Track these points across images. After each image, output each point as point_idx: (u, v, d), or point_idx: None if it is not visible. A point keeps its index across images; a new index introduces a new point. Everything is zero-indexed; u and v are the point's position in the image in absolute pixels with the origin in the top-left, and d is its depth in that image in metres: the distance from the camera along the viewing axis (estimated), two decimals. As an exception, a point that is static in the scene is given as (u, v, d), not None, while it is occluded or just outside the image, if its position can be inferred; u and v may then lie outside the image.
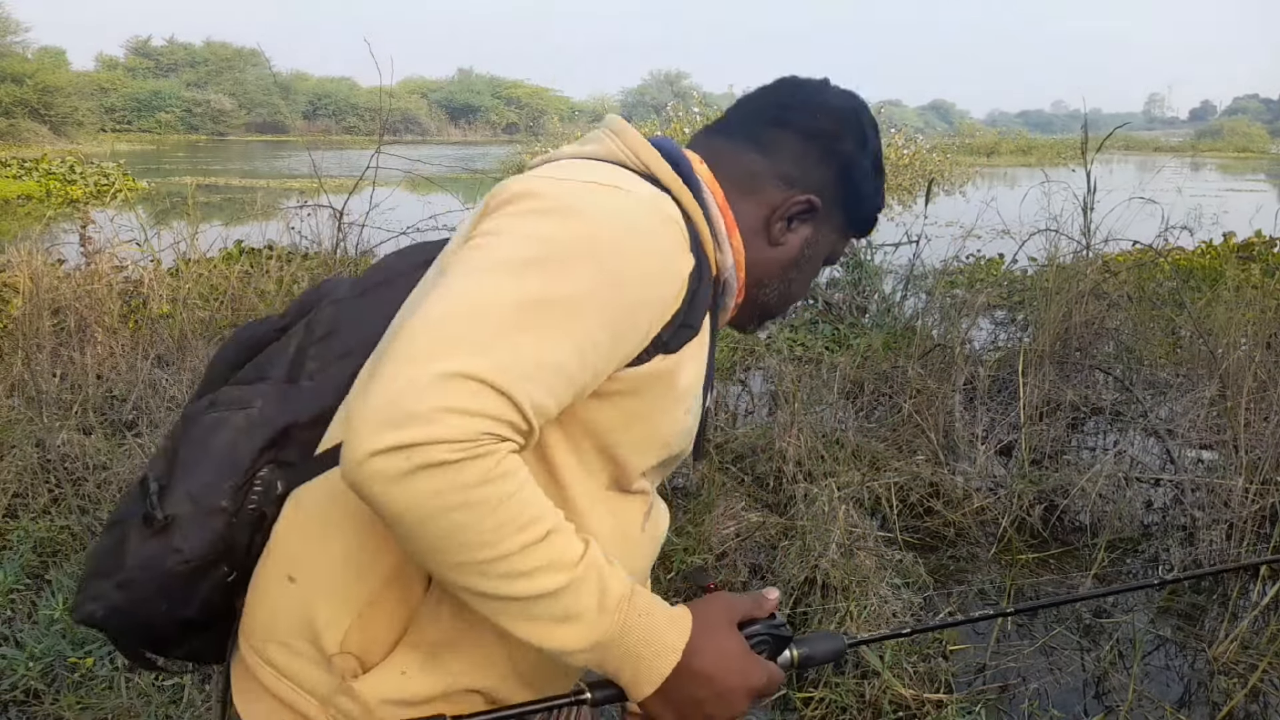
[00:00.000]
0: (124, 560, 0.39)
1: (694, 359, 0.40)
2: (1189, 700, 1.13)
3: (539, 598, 0.33)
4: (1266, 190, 9.75)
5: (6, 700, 1.02)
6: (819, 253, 0.46)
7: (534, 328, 0.33)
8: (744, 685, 0.37)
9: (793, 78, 0.47)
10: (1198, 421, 1.72)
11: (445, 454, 0.31)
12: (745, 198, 0.43)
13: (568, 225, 0.35)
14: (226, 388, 0.44)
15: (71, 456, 1.55)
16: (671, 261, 0.37)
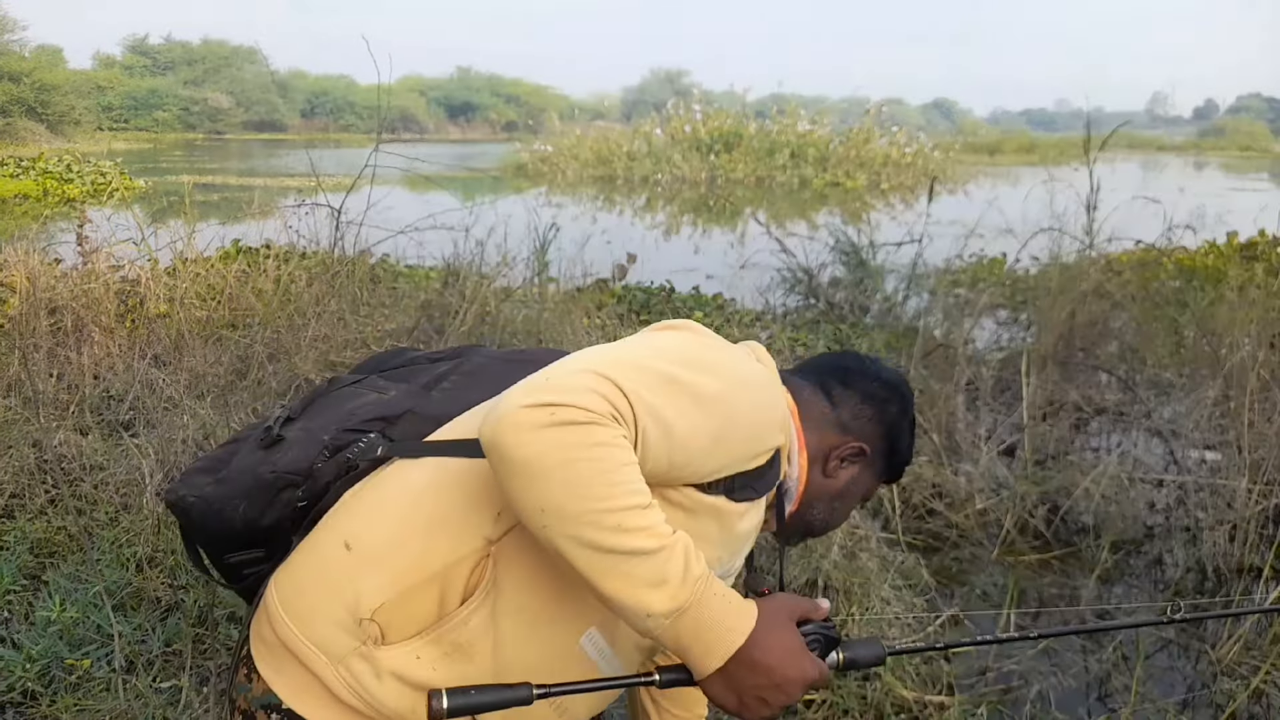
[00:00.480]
0: (229, 463, 0.47)
1: (748, 519, 0.47)
2: (1192, 702, 1.13)
3: (637, 554, 0.38)
4: (1270, 189, 9.73)
5: (3, 702, 1.01)
6: (859, 490, 0.55)
7: (667, 393, 0.41)
8: (800, 677, 0.42)
9: (855, 353, 0.60)
10: (1201, 422, 1.72)
11: (580, 415, 0.38)
12: (812, 431, 0.53)
13: (717, 355, 0.46)
14: (374, 376, 0.53)
15: (68, 457, 1.55)
16: (771, 428, 0.47)
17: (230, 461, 0.47)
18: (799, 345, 2.44)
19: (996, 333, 2.36)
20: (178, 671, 1.04)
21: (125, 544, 1.29)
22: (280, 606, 0.45)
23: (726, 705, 0.42)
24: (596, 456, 0.37)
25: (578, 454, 0.37)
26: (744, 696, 0.41)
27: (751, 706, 0.41)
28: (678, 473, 0.42)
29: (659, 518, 0.39)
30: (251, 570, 0.49)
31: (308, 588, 0.44)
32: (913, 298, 2.65)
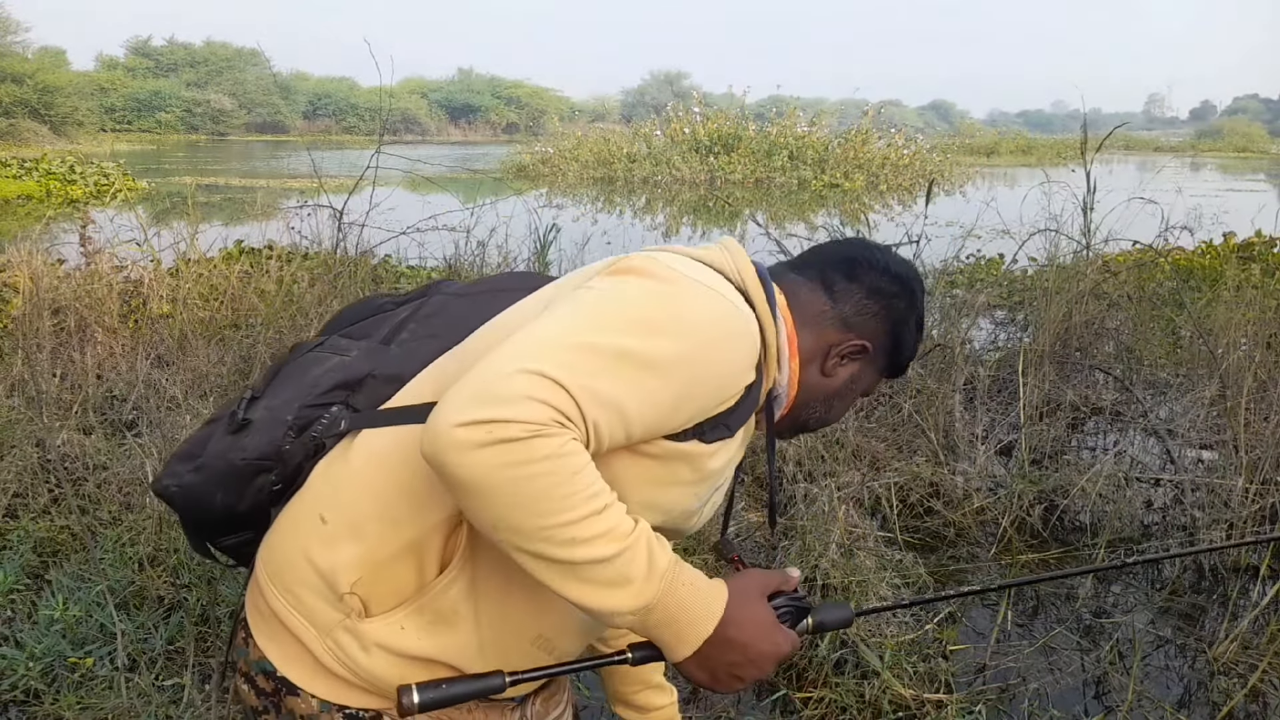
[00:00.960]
0: (204, 449, 0.47)
1: (722, 455, 0.45)
2: (1189, 700, 1.13)
3: (595, 563, 0.37)
4: (1267, 190, 9.75)
5: (6, 700, 1.02)
6: (858, 387, 0.53)
7: (616, 372, 0.38)
8: (773, 651, 0.42)
9: (863, 239, 0.56)
10: (1198, 421, 1.72)
11: (518, 431, 0.36)
12: (810, 331, 0.50)
13: (671, 302, 0.42)
14: (335, 337, 0.51)
15: (71, 456, 1.55)
16: (739, 370, 0.44)
17: (206, 448, 0.47)
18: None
19: (994, 333, 2.36)
20: (180, 669, 1.04)
21: (128, 543, 1.29)
22: (268, 580, 0.45)
23: (700, 681, 0.42)
24: (543, 471, 0.36)
25: (523, 472, 0.35)
26: (717, 673, 0.42)
27: (725, 681, 0.42)
28: (642, 439, 0.41)
29: (616, 518, 0.38)
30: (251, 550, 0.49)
31: (288, 562, 0.45)
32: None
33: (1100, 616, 1.31)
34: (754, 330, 0.44)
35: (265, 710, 0.46)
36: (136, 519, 1.34)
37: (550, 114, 20.92)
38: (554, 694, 0.53)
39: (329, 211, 2.40)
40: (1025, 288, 2.53)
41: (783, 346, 0.48)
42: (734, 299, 0.44)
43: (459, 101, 28.01)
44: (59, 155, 8.77)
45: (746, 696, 1.12)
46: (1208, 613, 1.32)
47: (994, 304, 2.52)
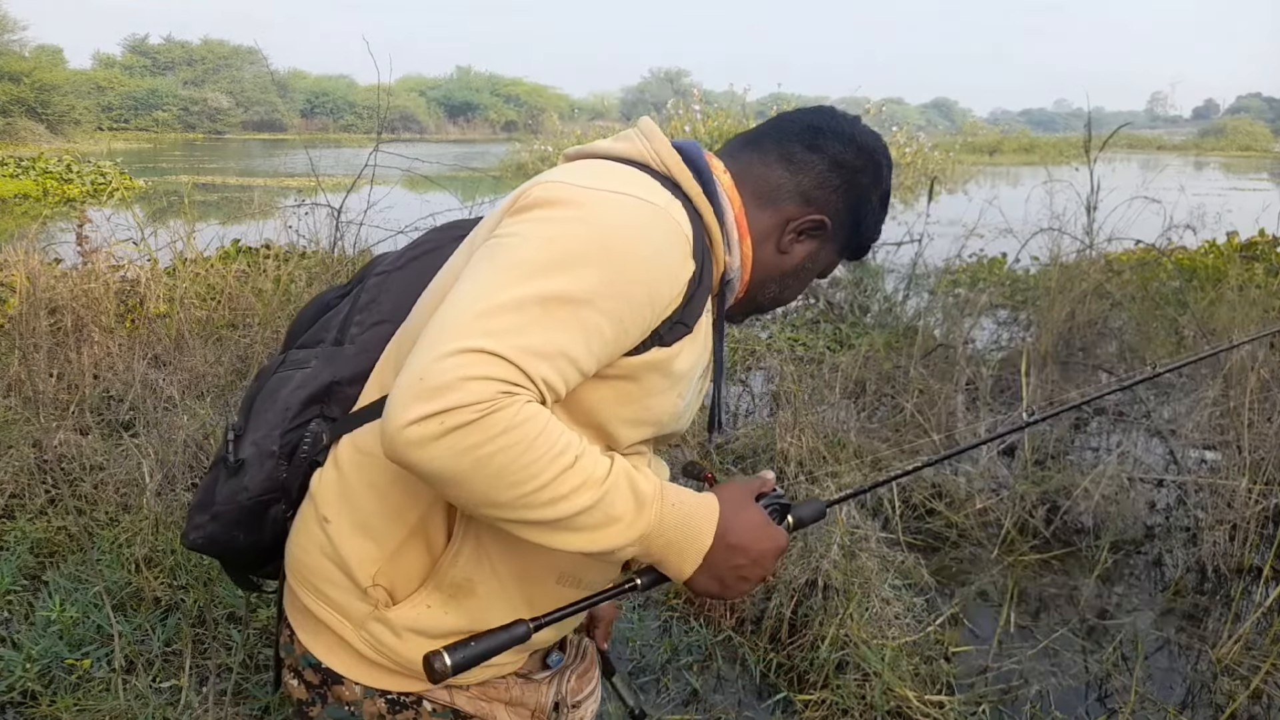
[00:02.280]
0: (215, 496, 0.48)
1: (688, 350, 0.45)
2: (1192, 702, 1.13)
3: (581, 513, 0.38)
4: (1270, 189, 9.72)
5: (4, 702, 1.01)
6: (815, 266, 0.51)
7: (547, 319, 0.38)
8: (773, 547, 0.44)
9: (830, 107, 0.51)
10: (1201, 422, 1.72)
11: (469, 415, 0.35)
12: (764, 207, 0.48)
13: (583, 227, 0.40)
14: (293, 350, 0.51)
15: (68, 457, 1.54)
16: (674, 269, 0.42)
17: (215, 494, 0.48)
18: (799, 345, 2.43)
19: (996, 332, 2.36)
20: (177, 671, 1.04)
21: (125, 544, 1.29)
22: (298, 584, 0.48)
23: (710, 593, 0.43)
24: (505, 446, 0.36)
25: (486, 451, 0.35)
26: (725, 579, 0.42)
27: (734, 586, 0.43)
28: (603, 365, 0.41)
29: (590, 465, 0.38)
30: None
31: (311, 565, 0.46)
32: (912, 297, 2.64)
33: (1103, 618, 1.30)
34: (680, 224, 0.42)
35: (313, 702, 0.47)
36: (134, 520, 1.33)
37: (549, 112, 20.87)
38: (587, 670, 0.54)
39: (327, 210, 2.39)
40: (1028, 287, 2.54)
41: (730, 227, 0.46)
42: (652, 197, 0.42)
43: (457, 99, 27.89)
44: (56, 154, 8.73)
45: (747, 698, 1.11)
46: (1211, 614, 1.32)
47: (996, 303, 2.52)
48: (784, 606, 1.20)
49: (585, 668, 0.54)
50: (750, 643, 1.19)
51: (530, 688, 0.50)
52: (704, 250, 0.44)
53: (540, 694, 0.50)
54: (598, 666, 0.56)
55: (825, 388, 1.94)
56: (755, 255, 0.48)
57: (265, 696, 1.01)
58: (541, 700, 0.50)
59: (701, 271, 0.43)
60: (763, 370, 2.28)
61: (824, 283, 2.92)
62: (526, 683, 0.50)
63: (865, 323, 2.61)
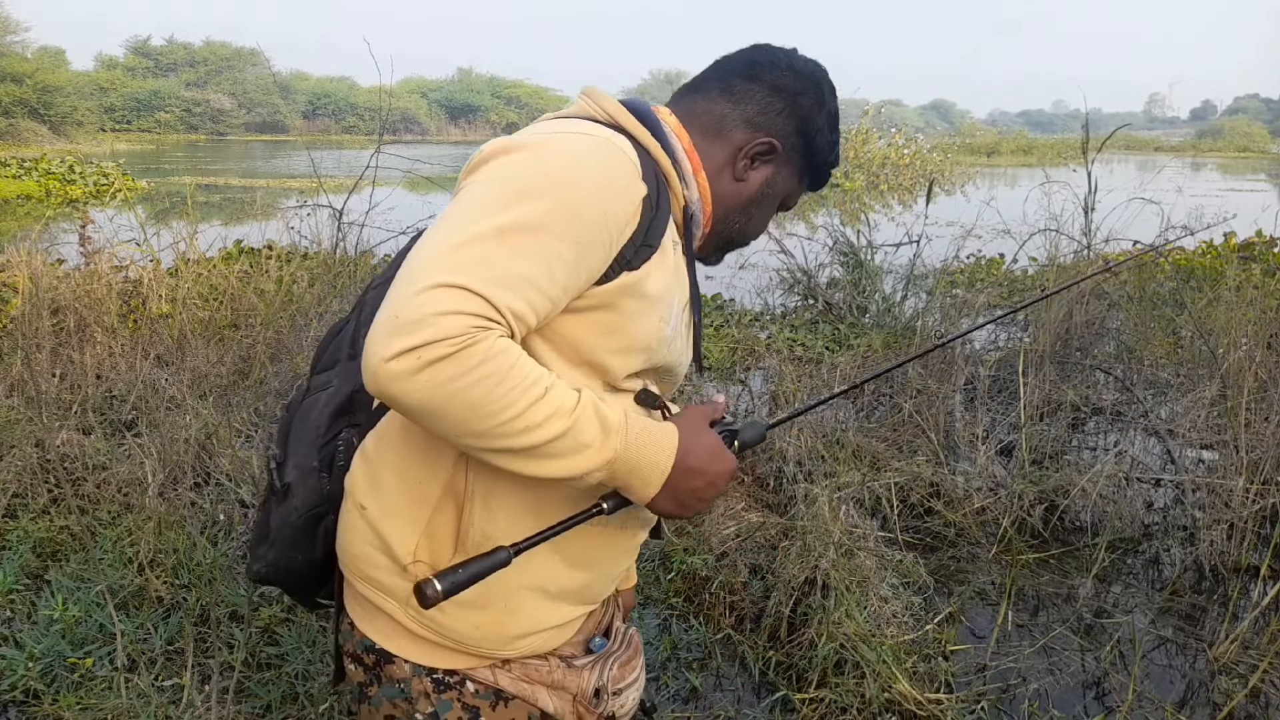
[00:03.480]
0: (270, 525, 0.51)
1: (659, 272, 0.46)
2: (1189, 701, 1.13)
3: (553, 440, 0.41)
4: (1268, 190, 9.74)
5: (6, 700, 1.02)
6: (776, 193, 0.52)
7: (505, 249, 0.39)
8: (725, 470, 0.47)
9: (766, 44, 0.53)
10: (1198, 422, 1.72)
11: (445, 349, 0.37)
12: (714, 140, 0.50)
13: (532, 164, 0.42)
14: (315, 375, 0.55)
15: (71, 456, 1.55)
16: (623, 186, 0.44)
17: (269, 524, 0.52)
18: (798, 345, 2.44)
19: (994, 332, 2.36)
20: (180, 670, 1.04)
21: (127, 543, 1.29)
22: (349, 573, 0.50)
23: (669, 512, 0.46)
24: (481, 377, 0.37)
25: (463, 383, 0.37)
26: (683, 500, 0.45)
27: (690, 505, 0.46)
28: (571, 294, 0.42)
29: (559, 396, 0.41)
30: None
31: (356, 554, 0.49)
32: (911, 298, 2.65)
33: (1101, 616, 1.30)
34: (624, 150, 0.44)
35: (370, 683, 0.50)
36: (136, 519, 1.34)
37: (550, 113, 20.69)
38: (631, 659, 0.56)
39: (328, 211, 2.40)
40: (1026, 288, 2.54)
41: (682, 161, 0.48)
42: (595, 132, 0.45)
43: (459, 101, 28.00)
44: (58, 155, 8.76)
45: (746, 696, 1.12)
46: (1208, 613, 1.32)
47: (994, 304, 2.51)
48: (783, 605, 1.20)
49: (629, 656, 0.56)
50: (749, 641, 1.20)
51: (572, 673, 0.51)
52: (657, 178, 0.46)
53: (582, 679, 0.52)
54: (641, 655, 0.57)
55: (824, 388, 1.95)
56: (713, 188, 0.49)
57: (267, 695, 1.02)
58: (583, 685, 0.52)
59: (658, 197, 0.45)
60: (762, 370, 2.29)
61: (823, 283, 2.94)
62: (569, 668, 0.52)
63: (864, 323, 2.61)
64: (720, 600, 1.26)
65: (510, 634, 0.48)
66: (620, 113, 0.47)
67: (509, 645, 0.49)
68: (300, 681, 1.04)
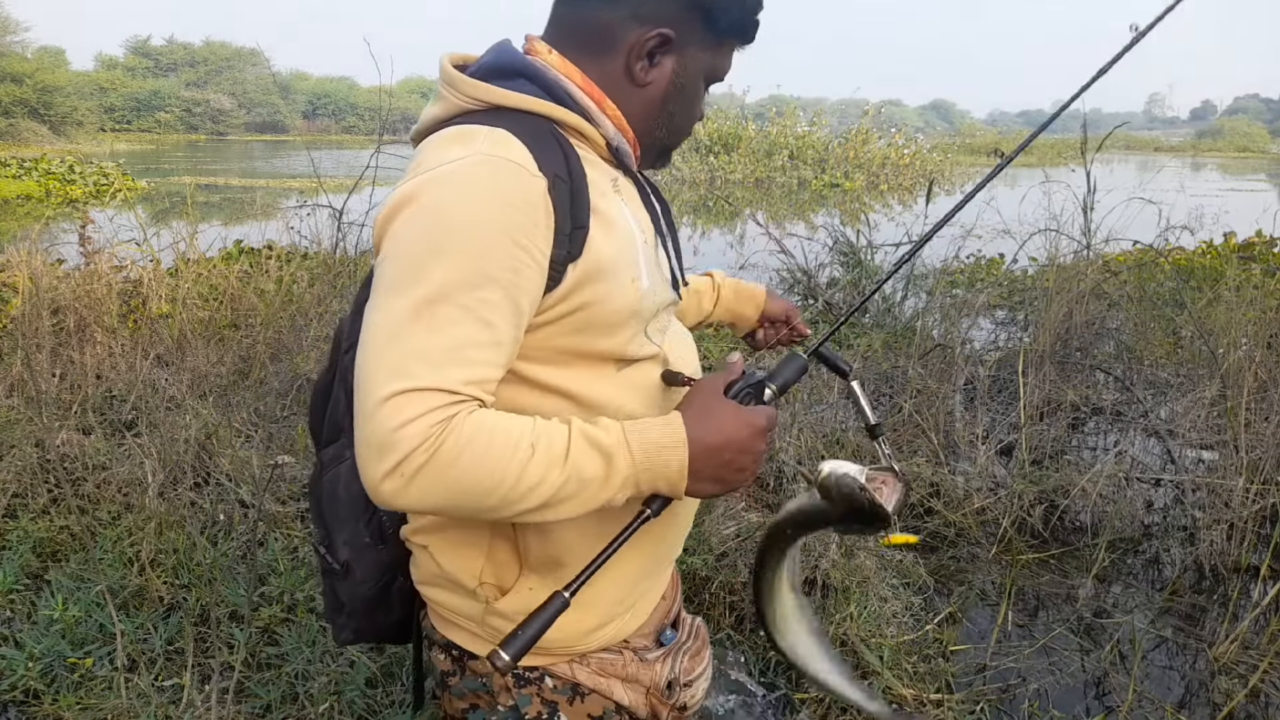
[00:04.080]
0: (341, 600, 0.53)
1: (605, 240, 0.44)
2: (1189, 701, 1.13)
3: (559, 488, 0.40)
4: (1268, 190, 9.73)
5: (6, 700, 1.02)
6: (693, 77, 0.48)
7: (431, 328, 0.39)
8: (751, 432, 0.43)
9: None
10: (1198, 422, 1.72)
11: (422, 457, 0.38)
12: (603, 56, 0.46)
13: (419, 226, 0.40)
14: (325, 449, 0.54)
15: (71, 456, 1.55)
16: (516, 198, 0.41)
17: (341, 599, 0.53)
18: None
19: (994, 333, 2.35)
20: (180, 670, 1.04)
21: (127, 543, 1.29)
22: (425, 597, 0.52)
23: (713, 494, 0.43)
24: (465, 465, 0.38)
25: (451, 477, 0.38)
26: (721, 477, 0.43)
27: (732, 480, 0.43)
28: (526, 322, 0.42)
29: (549, 444, 0.40)
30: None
31: (425, 582, 0.51)
32: (910, 298, 2.64)
33: (1101, 616, 1.30)
34: (501, 156, 0.41)
35: (454, 673, 0.52)
36: (136, 519, 1.34)
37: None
38: (699, 650, 0.56)
39: (328, 211, 2.39)
40: (1025, 288, 2.53)
41: (582, 102, 0.45)
42: (472, 144, 0.41)
43: (459, 101, 28.47)
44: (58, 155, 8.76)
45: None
46: (1208, 613, 1.32)
47: (994, 304, 2.51)
48: (783, 605, 1.21)
49: (698, 647, 0.56)
50: (750, 641, 1.20)
51: (645, 666, 0.52)
52: (560, 143, 0.43)
53: (654, 672, 0.52)
54: (709, 647, 0.58)
55: (823, 388, 1.94)
56: (623, 108, 0.46)
57: (267, 695, 1.02)
58: (656, 678, 0.52)
59: (569, 169, 0.42)
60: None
61: (822, 283, 2.94)
62: (641, 662, 0.52)
63: (863, 323, 2.61)
64: (720, 600, 1.26)
65: (587, 628, 0.49)
66: (494, 94, 0.43)
67: (586, 639, 0.50)
68: (300, 681, 1.04)
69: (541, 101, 0.44)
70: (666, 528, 0.50)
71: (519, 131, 0.42)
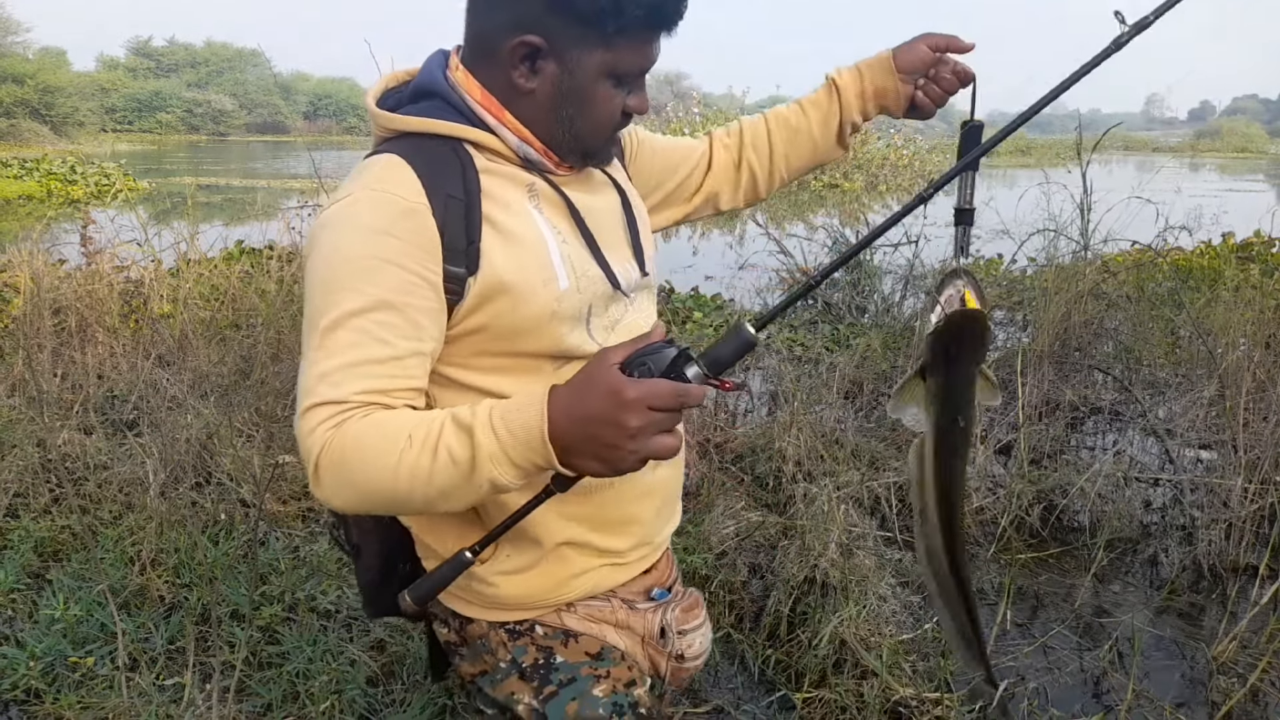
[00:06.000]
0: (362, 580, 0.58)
1: (504, 254, 0.46)
2: (1188, 700, 1.13)
3: (441, 471, 0.42)
4: (1266, 190, 9.73)
5: (7, 699, 1.02)
6: (583, 78, 0.45)
7: (334, 352, 0.43)
8: (613, 403, 0.39)
9: None
10: (1197, 421, 1.72)
11: (324, 460, 0.43)
12: (492, 65, 0.46)
13: (320, 264, 0.45)
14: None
15: (72, 456, 1.55)
16: (396, 230, 0.44)
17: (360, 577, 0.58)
18: (797, 345, 2.45)
19: (993, 333, 2.38)
20: (181, 669, 1.05)
21: (129, 543, 1.29)
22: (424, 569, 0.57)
23: (600, 472, 0.41)
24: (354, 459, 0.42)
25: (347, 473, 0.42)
26: (597, 452, 0.40)
27: (610, 457, 0.40)
28: (435, 331, 0.44)
29: (421, 439, 0.41)
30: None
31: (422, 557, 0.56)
32: (910, 298, 2.66)
33: (1099, 616, 1.31)
34: (387, 183, 0.44)
35: (459, 643, 0.56)
36: (137, 519, 1.34)
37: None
38: (692, 608, 0.58)
39: (329, 212, 2.40)
40: (1024, 288, 2.53)
41: (483, 117, 0.46)
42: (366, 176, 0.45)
43: (459, 101, 28.40)
44: (60, 155, 8.77)
45: (745, 695, 1.12)
46: (1207, 612, 1.32)
47: (993, 304, 2.53)
48: (782, 604, 1.20)
49: (689, 604, 0.58)
50: (749, 640, 1.20)
51: (635, 614, 0.55)
52: (456, 167, 0.45)
53: (647, 620, 0.55)
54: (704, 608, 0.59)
55: (823, 387, 1.95)
56: (518, 114, 0.46)
57: (268, 694, 1.02)
58: (649, 625, 0.55)
59: (465, 189, 0.44)
60: (761, 370, 2.30)
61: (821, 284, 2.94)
62: (631, 610, 0.55)
63: (863, 323, 2.62)
64: (720, 599, 1.26)
65: (564, 577, 0.52)
66: (399, 123, 0.47)
67: (565, 587, 0.52)
68: (301, 680, 1.04)
69: (442, 122, 0.46)
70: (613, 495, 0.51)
71: (416, 157, 0.45)
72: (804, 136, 0.61)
